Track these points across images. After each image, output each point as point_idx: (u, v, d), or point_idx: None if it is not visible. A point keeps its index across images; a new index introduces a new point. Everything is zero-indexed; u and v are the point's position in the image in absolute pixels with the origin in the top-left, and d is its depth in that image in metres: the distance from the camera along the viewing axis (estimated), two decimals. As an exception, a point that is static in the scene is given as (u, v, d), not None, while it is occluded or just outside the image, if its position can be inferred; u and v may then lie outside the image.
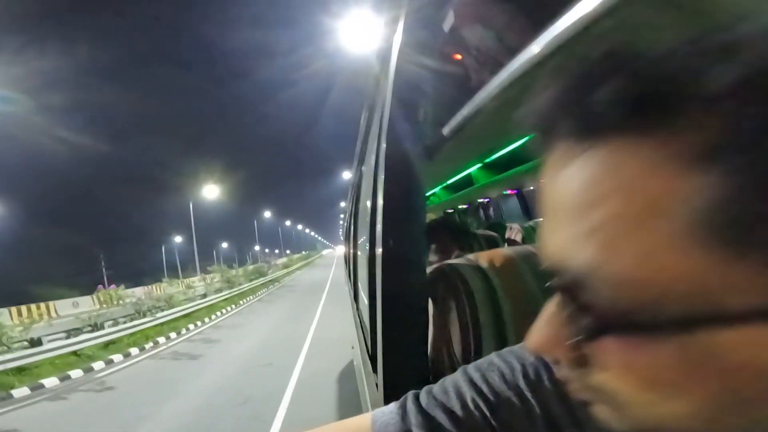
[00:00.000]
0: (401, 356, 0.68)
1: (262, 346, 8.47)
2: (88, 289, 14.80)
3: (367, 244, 1.22)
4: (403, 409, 0.40)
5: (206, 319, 12.76)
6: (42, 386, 6.39)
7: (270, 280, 24.84)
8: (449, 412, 0.38)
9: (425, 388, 0.41)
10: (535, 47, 0.51)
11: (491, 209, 6.18)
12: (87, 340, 8.14)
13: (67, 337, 8.26)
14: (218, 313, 13.96)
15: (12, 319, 7.59)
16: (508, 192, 5.62)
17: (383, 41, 0.99)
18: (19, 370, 6.61)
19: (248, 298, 17.91)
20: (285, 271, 33.62)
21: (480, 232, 1.91)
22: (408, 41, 0.78)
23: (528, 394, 0.37)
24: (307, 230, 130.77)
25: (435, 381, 0.43)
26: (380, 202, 0.72)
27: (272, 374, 6.31)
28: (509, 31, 0.91)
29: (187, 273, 19.26)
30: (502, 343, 0.64)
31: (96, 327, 8.98)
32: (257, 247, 49.69)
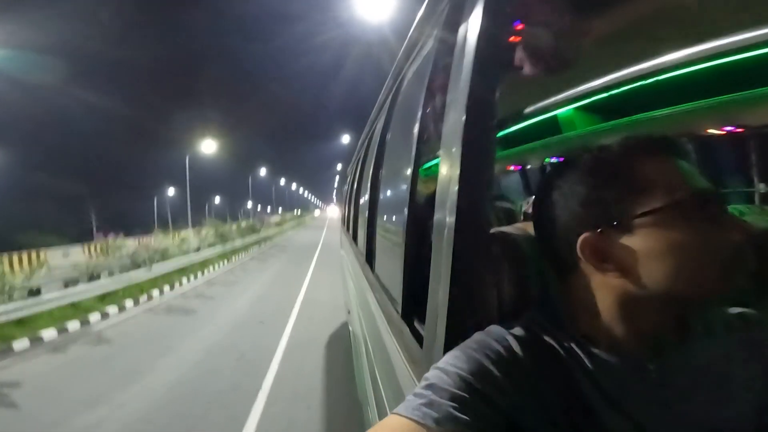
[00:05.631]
0: (463, 320, 0.70)
1: (254, 304, 8.54)
2: (77, 239, 14.43)
3: (410, 208, 1.24)
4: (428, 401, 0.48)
5: (199, 274, 12.74)
6: (41, 339, 6.33)
7: (262, 238, 24.76)
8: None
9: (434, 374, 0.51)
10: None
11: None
12: (85, 292, 8.08)
13: (65, 287, 8.17)
14: (211, 269, 13.93)
15: (4, 267, 7.31)
16: (512, 168, 5.73)
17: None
18: (19, 322, 6.53)
19: (240, 255, 17.88)
20: (277, 229, 33.47)
21: (496, 203, 1.97)
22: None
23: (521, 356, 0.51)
24: (301, 190, 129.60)
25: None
26: (457, 175, 0.73)
27: (265, 332, 6.40)
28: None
29: (178, 226, 18.94)
30: (540, 302, 0.68)
31: (93, 277, 8.89)
32: (250, 204, 49.16)
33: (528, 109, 3.18)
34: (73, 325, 6.99)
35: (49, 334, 6.49)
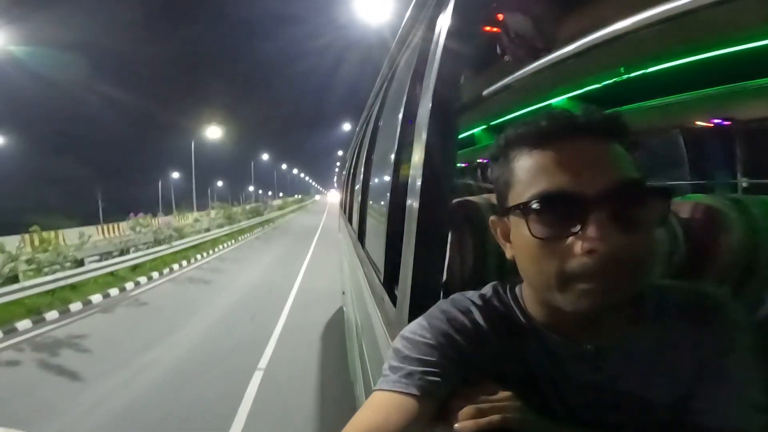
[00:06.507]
0: (427, 277, 0.77)
1: (261, 277, 9.71)
2: (85, 220, 15.00)
3: (392, 185, 1.32)
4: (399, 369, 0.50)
5: (211, 251, 13.93)
6: (91, 302, 7.57)
7: (265, 220, 25.91)
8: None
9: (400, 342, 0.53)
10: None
11: (489, 170, 6.68)
12: (121, 263, 9.35)
13: (100, 260, 9.40)
14: (221, 247, 15.12)
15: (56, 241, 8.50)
16: None
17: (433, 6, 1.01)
18: (72, 287, 7.79)
19: (246, 236, 19.00)
20: (279, 212, 34.52)
21: (482, 184, 2.19)
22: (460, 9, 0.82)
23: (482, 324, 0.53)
24: (302, 174, 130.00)
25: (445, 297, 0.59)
26: (423, 153, 0.80)
27: (272, 298, 7.57)
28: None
29: (182, 209, 19.88)
30: (503, 269, 0.72)
31: (123, 252, 10.12)
32: (252, 188, 50.20)
33: (523, 99, 3.25)
34: (114, 291, 8.25)
35: (96, 298, 7.74)
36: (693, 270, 0.71)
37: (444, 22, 0.84)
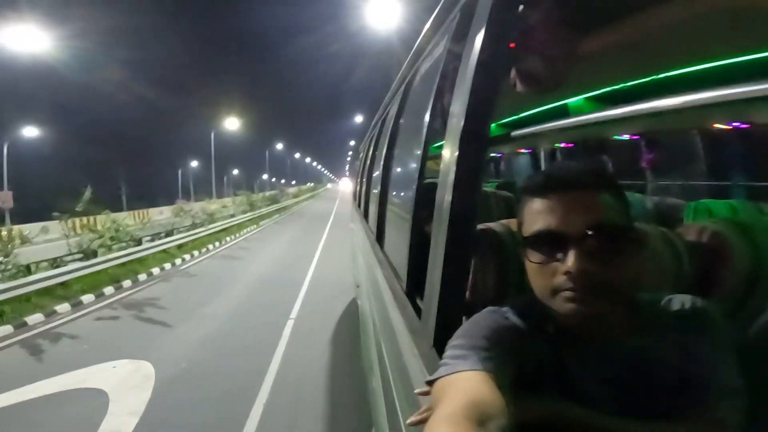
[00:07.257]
0: (453, 297, 0.83)
1: (284, 254, 11.44)
2: (109, 206, 15.70)
3: (415, 200, 1.35)
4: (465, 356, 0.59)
5: (237, 234, 15.69)
6: (152, 273, 9.35)
7: (282, 207, 27.73)
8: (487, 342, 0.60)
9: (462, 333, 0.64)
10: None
11: (502, 164, 6.82)
12: (171, 242, 11.18)
13: (152, 240, 11.19)
14: (245, 230, 16.89)
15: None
16: (523, 150, 5.85)
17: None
18: (139, 261, 9.60)
19: (266, 221, 20.72)
20: (294, 200, 36.25)
21: (497, 192, 2.08)
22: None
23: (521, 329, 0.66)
24: (314, 163, 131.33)
25: (468, 317, 0.67)
26: (453, 175, 0.83)
27: (294, 271, 9.21)
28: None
29: (199, 196, 21.37)
30: (522, 292, 0.75)
31: (169, 233, 11.90)
32: (266, 176, 51.80)
33: (539, 97, 3.16)
34: (167, 266, 10.05)
35: (155, 270, 9.53)
36: (698, 288, 0.77)
37: (477, 36, 0.84)
